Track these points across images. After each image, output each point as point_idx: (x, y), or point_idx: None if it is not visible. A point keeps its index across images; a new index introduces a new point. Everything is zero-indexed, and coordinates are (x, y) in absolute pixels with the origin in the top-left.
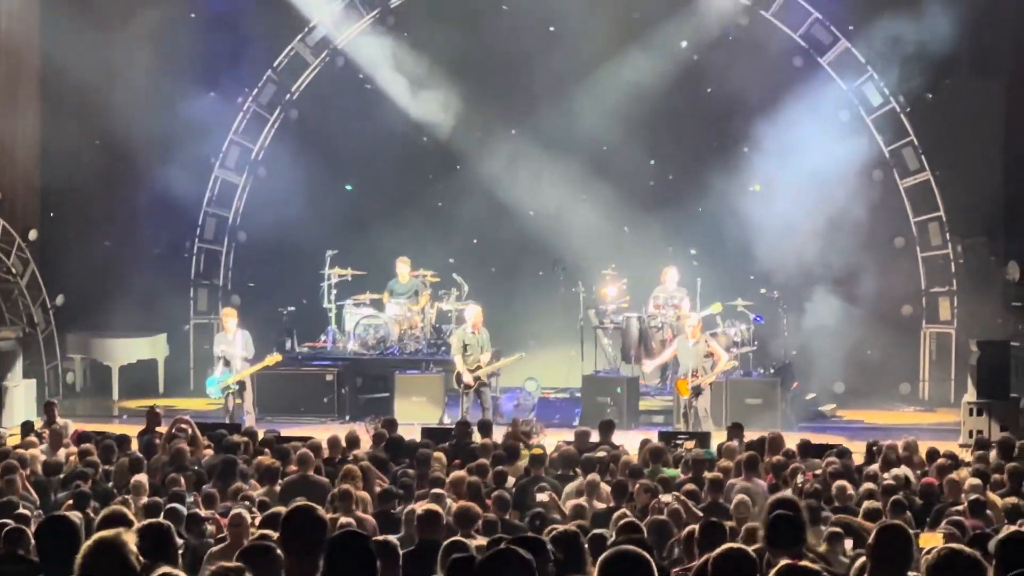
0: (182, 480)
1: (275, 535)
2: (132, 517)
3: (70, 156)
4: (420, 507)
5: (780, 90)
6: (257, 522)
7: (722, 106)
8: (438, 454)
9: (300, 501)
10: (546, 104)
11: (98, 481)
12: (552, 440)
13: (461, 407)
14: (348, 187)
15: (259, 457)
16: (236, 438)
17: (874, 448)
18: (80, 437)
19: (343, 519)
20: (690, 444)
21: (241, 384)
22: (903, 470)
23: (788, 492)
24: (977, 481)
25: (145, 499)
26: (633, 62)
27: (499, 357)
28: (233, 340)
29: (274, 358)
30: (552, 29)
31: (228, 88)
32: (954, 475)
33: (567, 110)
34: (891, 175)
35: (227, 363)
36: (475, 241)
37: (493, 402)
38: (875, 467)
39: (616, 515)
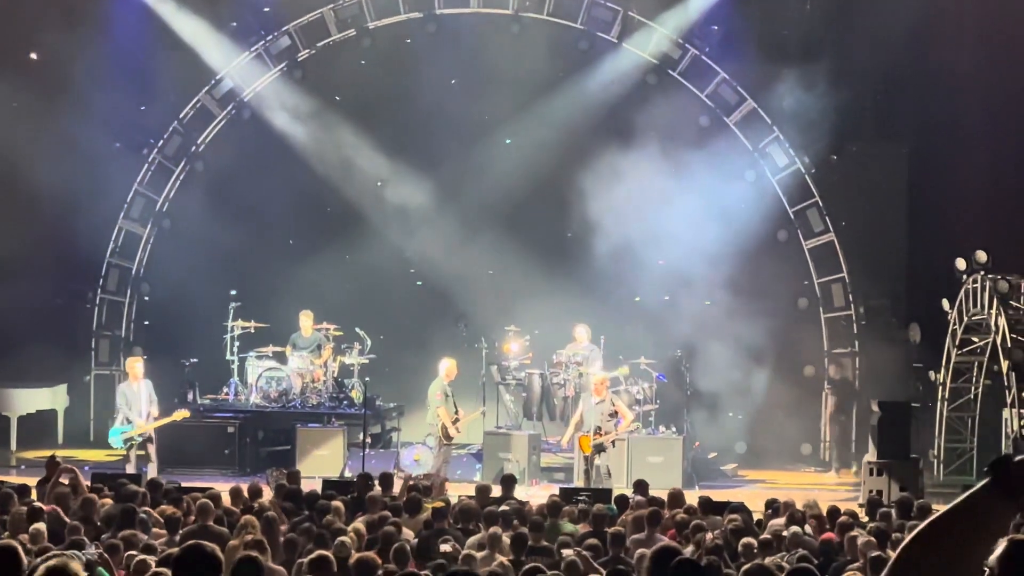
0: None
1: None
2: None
3: None
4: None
5: (686, 149)
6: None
7: (630, 165)
8: (337, 504)
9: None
10: (454, 157)
11: None
12: (453, 495)
13: (439, 460)
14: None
15: (160, 507)
16: (136, 488)
17: (773, 506)
18: None
19: None
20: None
21: (145, 436)
22: (794, 528)
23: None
24: (872, 539)
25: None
26: (542, 118)
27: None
28: (138, 391)
29: (182, 413)
30: (454, 82)
31: (133, 139)
32: (854, 532)
33: (475, 163)
34: (796, 236)
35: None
36: (373, 293)
37: (394, 456)
38: (780, 521)
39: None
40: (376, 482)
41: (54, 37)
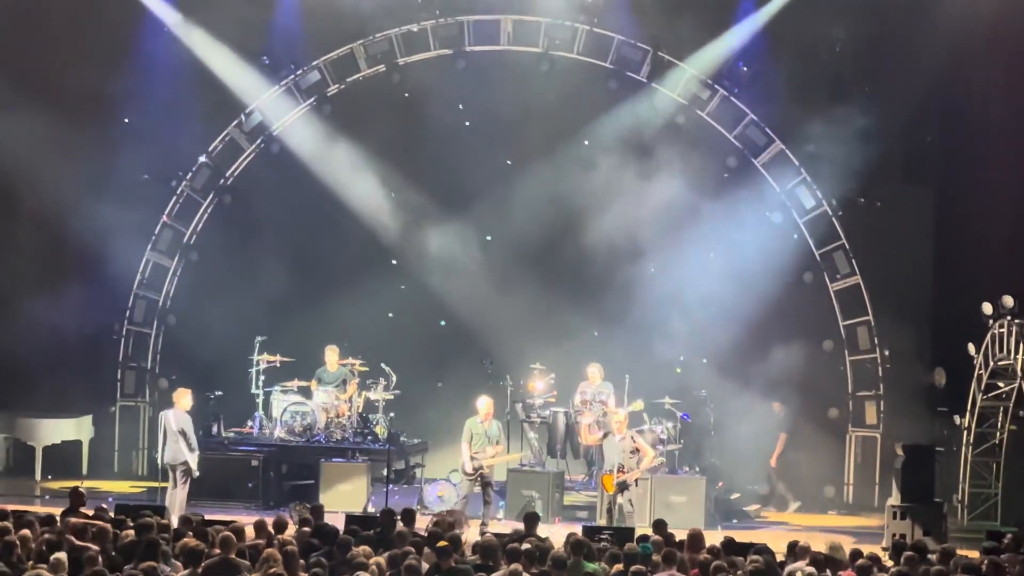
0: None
1: None
2: None
3: None
4: None
5: (714, 189)
6: None
7: (656, 204)
8: (364, 548)
9: None
10: (482, 196)
11: (14, 562)
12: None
13: (460, 495)
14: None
15: (182, 539)
16: (159, 520)
17: (796, 549)
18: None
19: None
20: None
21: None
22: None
23: None
24: None
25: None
26: (568, 156)
27: None
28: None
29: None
30: (469, 124)
31: (162, 171)
32: None
33: (503, 201)
34: (822, 278)
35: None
36: (400, 329)
37: (418, 492)
38: (800, 564)
39: None
40: (399, 518)
41: (85, 69)
